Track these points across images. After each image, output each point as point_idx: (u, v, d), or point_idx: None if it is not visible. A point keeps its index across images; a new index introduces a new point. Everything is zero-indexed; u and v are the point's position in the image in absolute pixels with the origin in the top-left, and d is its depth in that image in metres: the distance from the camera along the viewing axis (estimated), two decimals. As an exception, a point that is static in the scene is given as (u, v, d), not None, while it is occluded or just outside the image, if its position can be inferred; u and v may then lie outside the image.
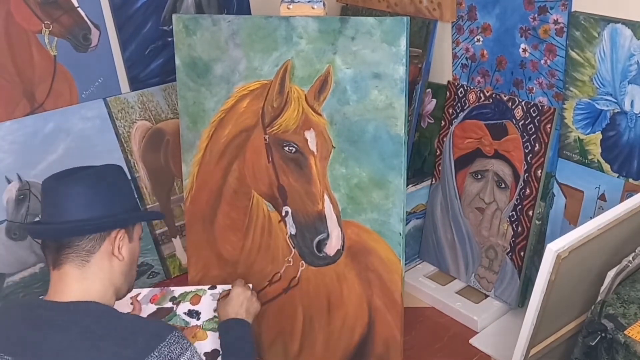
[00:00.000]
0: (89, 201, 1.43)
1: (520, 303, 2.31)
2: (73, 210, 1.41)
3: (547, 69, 2.16)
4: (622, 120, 1.99)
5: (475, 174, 2.41)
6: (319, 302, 2.10)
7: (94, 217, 1.42)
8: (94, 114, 2.40)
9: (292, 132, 2.02)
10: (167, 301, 1.87)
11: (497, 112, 2.31)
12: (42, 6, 2.21)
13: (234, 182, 2.13)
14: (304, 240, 2.06)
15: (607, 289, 1.68)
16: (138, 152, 2.52)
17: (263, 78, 2.05)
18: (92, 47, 2.35)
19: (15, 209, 2.26)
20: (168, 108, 2.57)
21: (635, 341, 1.54)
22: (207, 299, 1.88)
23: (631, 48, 1.90)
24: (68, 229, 1.41)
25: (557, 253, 1.55)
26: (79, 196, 1.42)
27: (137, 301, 1.83)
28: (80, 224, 1.41)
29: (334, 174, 2.00)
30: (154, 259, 2.56)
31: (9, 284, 2.29)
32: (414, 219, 2.60)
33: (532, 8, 2.13)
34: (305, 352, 2.15)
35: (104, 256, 1.44)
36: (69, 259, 1.41)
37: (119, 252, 1.46)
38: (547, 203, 2.26)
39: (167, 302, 1.87)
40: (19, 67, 2.21)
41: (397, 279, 1.97)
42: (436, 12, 2.39)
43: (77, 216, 1.41)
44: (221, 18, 2.09)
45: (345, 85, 1.95)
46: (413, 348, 2.22)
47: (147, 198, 2.54)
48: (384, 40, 1.88)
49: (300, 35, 1.98)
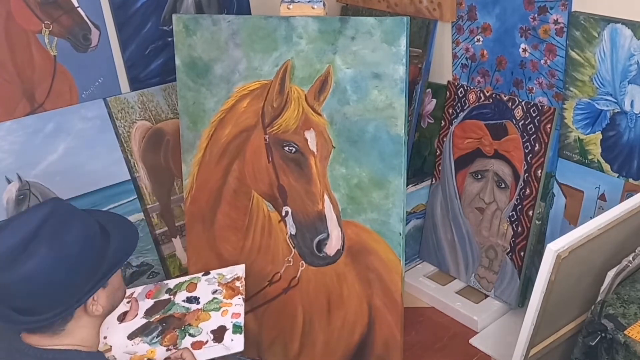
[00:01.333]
0: (51, 291, 1.28)
1: (520, 303, 2.31)
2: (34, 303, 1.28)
3: (547, 69, 2.16)
4: (622, 120, 1.99)
5: (475, 174, 2.41)
6: (319, 302, 2.10)
7: (49, 313, 1.28)
8: (94, 114, 2.40)
9: (292, 132, 2.02)
10: (163, 294, 1.88)
11: (497, 112, 2.31)
12: (42, 6, 2.21)
13: (234, 182, 2.13)
14: (304, 240, 2.06)
15: (607, 289, 1.68)
16: (138, 152, 2.52)
17: (263, 78, 2.05)
18: (92, 47, 2.35)
19: (15, 209, 2.26)
20: (168, 108, 2.57)
21: (635, 341, 1.54)
22: (202, 285, 1.90)
23: (631, 48, 1.90)
24: (40, 320, 1.30)
25: (557, 253, 1.55)
26: (32, 290, 1.26)
27: (134, 300, 1.84)
28: (42, 321, 1.29)
29: (334, 174, 2.00)
30: (154, 259, 2.55)
31: (9, 284, 2.28)
32: (414, 219, 2.60)
33: (532, 8, 2.13)
34: (305, 352, 2.15)
35: (81, 315, 1.35)
36: (41, 330, 1.33)
37: (97, 307, 1.37)
38: (547, 203, 2.26)
39: (163, 294, 1.88)
40: (19, 67, 2.21)
41: (397, 279, 1.97)
42: (436, 12, 2.39)
43: (37, 312, 1.28)
44: (221, 18, 2.09)
45: (345, 85, 1.95)
46: (413, 348, 2.22)
47: (147, 198, 2.54)
48: (384, 40, 1.88)
49: (300, 35, 1.98)
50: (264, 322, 2.18)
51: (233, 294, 1.86)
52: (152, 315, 1.82)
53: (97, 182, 2.39)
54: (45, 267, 1.25)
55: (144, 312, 1.83)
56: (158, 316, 1.81)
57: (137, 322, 1.80)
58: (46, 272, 1.25)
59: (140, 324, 1.80)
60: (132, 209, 2.46)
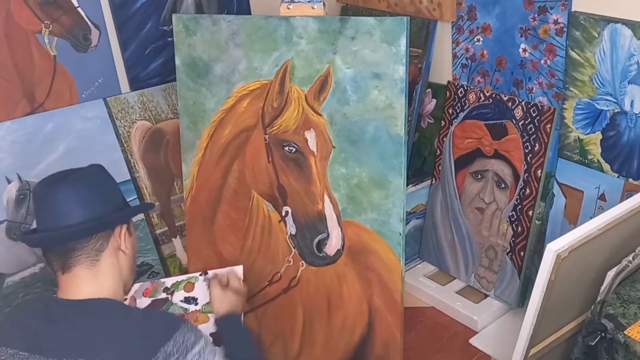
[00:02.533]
0: (86, 202, 1.43)
1: (520, 303, 2.31)
2: (73, 213, 1.41)
3: (547, 69, 2.16)
4: (622, 120, 2.00)
5: (475, 174, 2.41)
6: (319, 302, 2.10)
7: (95, 216, 1.42)
8: (94, 114, 2.40)
9: (292, 132, 2.02)
10: (161, 292, 1.88)
11: (497, 112, 2.31)
12: (42, 6, 2.21)
13: (234, 182, 2.13)
14: (304, 240, 2.06)
15: (607, 289, 1.68)
16: (138, 152, 2.52)
17: (263, 78, 2.05)
18: (92, 47, 2.35)
19: (15, 209, 2.26)
20: (168, 108, 2.57)
21: (635, 341, 1.54)
22: (200, 285, 1.88)
23: (631, 48, 1.90)
24: (75, 232, 1.40)
25: (557, 253, 1.55)
26: (75, 199, 1.42)
27: (132, 298, 1.84)
28: (88, 225, 1.41)
29: (334, 174, 2.00)
30: (154, 259, 2.55)
31: (9, 284, 2.28)
32: (414, 219, 2.60)
33: (532, 8, 2.13)
34: (305, 352, 2.15)
35: (111, 253, 1.45)
36: (79, 261, 1.41)
37: (125, 246, 1.48)
38: (547, 203, 2.26)
39: (160, 293, 1.87)
40: (19, 67, 2.21)
41: (397, 279, 1.97)
42: (436, 12, 2.39)
43: (79, 218, 1.41)
44: (221, 18, 2.09)
45: (345, 85, 1.95)
46: (413, 348, 2.22)
47: (147, 198, 2.54)
48: (384, 40, 1.88)
49: (300, 35, 1.98)
50: (264, 322, 2.18)
51: None
52: None
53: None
54: (86, 175, 1.50)
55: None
56: None
57: None
58: (90, 177, 1.50)
59: None
60: (132, 209, 2.46)
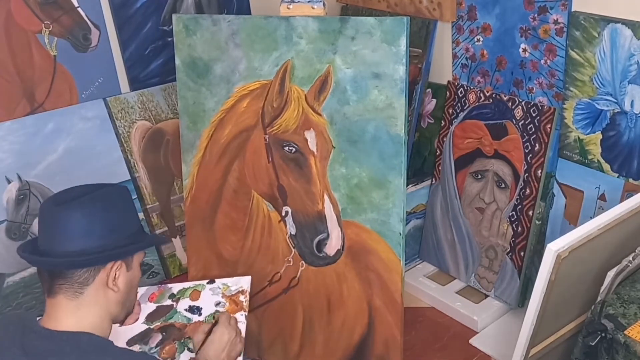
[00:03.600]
0: (85, 231, 1.36)
1: (520, 303, 2.31)
2: (68, 241, 1.35)
3: (547, 69, 2.16)
4: (622, 120, 1.99)
5: (475, 174, 2.41)
6: (319, 302, 2.10)
7: (88, 249, 1.35)
8: (94, 114, 2.40)
9: (292, 132, 2.02)
10: (166, 299, 1.87)
11: (497, 112, 2.31)
12: (42, 6, 2.21)
13: (234, 182, 2.13)
14: (304, 240, 2.06)
15: (607, 289, 1.68)
16: (138, 152, 2.52)
17: (263, 78, 2.05)
18: (92, 47, 2.35)
19: (15, 209, 2.26)
20: (168, 108, 2.58)
21: (635, 341, 1.54)
22: (206, 294, 1.87)
23: (631, 48, 1.90)
24: (61, 263, 1.35)
25: (557, 253, 1.55)
26: (75, 225, 1.36)
27: (137, 303, 1.82)
28: (71, 260, 1.35)
29: (334, 174, 2.00)
30: (154, 259, 2.56)
31: (9, 284, 2.29)
32: (414, 219, 2.60)
33: (532, 8, 2.13)
34: (305, 352, 2.15)
35: (98, 287, 1.38)
36: (62, 290, 1.36)
37: (114, 283, 1.39)
38: (547, 203, 2.26)
39: (166, 299, 1.86)
40: (19, 67, 2.21)
41: (397, 279, 1.97)
42: (436, 12, 2.39)
43: (72, 247, 1.35)
44: (221, 18, 2.09)
45: (345, 85, 1.95)
46: (413, 348, 2.22)
47: (147, 198, 2.54)
48: (384, 40, 1.88)
49: (300, 35, 1.98)
50: (264, 322, 2.18)
51: (236, 308, 1.81)
52: (153, 321, 1.79)
53: (97, 182, 2.35)
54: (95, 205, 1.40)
55: (145, 316, 1.80)
56: (159, 323, 1.78)
57: (138, 327, 1.78)
58: (104, 201, 1.42)
59: (141, 329, 1.77)
60: (132, 209, 2.46)
